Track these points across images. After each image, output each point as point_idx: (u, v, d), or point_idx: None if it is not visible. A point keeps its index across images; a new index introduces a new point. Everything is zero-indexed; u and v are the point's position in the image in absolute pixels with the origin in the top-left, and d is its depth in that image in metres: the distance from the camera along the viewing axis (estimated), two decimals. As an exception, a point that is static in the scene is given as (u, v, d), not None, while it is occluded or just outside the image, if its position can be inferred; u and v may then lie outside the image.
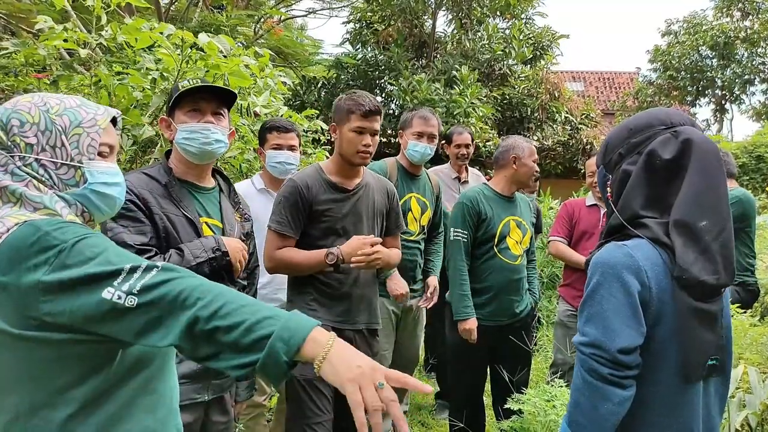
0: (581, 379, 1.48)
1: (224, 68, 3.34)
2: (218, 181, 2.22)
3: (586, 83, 27.56)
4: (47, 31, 3.23)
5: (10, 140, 1.25)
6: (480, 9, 12.84)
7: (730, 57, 22.55)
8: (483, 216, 3.27)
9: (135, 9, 5.87)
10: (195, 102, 2.06)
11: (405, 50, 12.55)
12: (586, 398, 1.46)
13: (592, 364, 1.45)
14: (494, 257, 3.29)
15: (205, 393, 2.04)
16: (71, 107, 1.30)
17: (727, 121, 25.10)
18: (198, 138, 2.04)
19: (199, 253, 1.95)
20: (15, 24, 5.24)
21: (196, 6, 9.31)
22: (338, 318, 2.59)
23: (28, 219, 1.18)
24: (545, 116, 13.05)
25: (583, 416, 1.48)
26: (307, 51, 10.82)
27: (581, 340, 1.49)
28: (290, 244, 2.56)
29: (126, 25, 3.26)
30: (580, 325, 1.52)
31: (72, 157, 1.28)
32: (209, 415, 2.08)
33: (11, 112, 1.26)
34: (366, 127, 2.56)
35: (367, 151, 2.59)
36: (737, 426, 2.15)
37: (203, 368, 2.00)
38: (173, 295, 1.10)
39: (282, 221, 2.53)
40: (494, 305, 3.30)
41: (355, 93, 2.64)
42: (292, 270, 2.56)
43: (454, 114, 10.76)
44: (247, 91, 3.96)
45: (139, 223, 1.91)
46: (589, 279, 1.51)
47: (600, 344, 1.44)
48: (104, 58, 3.65)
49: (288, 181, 2.63)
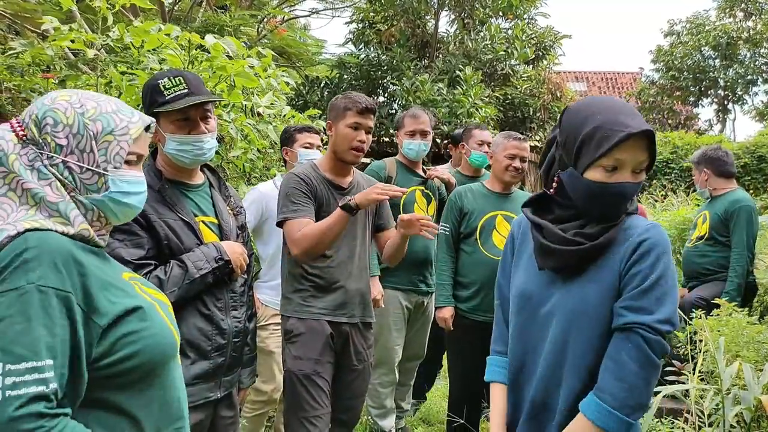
0: (646, 362, 1.45)
1: (230, 69, 3.39)
2: (207, 175, 2.20)
3: (589, 83, 27.54)
4: (53, 32, 3.27)
5: (41, 137, 1.26)
6: (482, 9, 12.86)
7: (733, 57, 22.49)
8: (464, 210, 3.44)
9: (139, 9, 5.92)
10: (183, 111, 1.99)
11: (407, 50, 12.57)
12: (645, 381, 1.45)
13: (664, 344, 1.46)
14: (478, 251, 3.39)
15: (217, 390, 2.07)
16: (106, 112, 1.30)
17: (729, 121, 25.06)
18: (191, 150, 2.01)
19: (202, 264, 1.95)
20: (20, 24, 5.29)
21: (199, 6, 9.35)
22: (336, 311, 2.62)
23: (35, 228, 1.19)
24: (547, 116, 13.06)
25: (640, 398, 1.46)
26: (310, 51, 10.88)
27: (652, 319, 1.45)
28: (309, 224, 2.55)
29: (135, 27, 3.30)
30: (647, 303, 1.46)
31: (98, 164, 1.28)
32: (218, 411, 2.10)
33: (48, 109, 1.27)
34: (361, 123, 2.62)
35: (361, 148, 2.64)
36: (731, 421, 2.19)
37: (215, 367, 2.03)
38: None
39: (297, 208, 2.54)
40: (479, 299, 3.37)
41: (351, 92, 2.75)
42: (323, 239, 2.48)
43: (457, 114, 10.79)
44: (250, 92, 4.01)
45: (135, 236, 1.89)
46: (654, 258, 1.49)
47: (675, 322, 1.47)
48: (108, 59, 3.69)
49: (287, 176, 2.68)
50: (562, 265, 1.57)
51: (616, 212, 1.55)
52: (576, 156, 1.53)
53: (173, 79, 2.01)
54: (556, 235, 1.55)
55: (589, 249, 1.52)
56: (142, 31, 3.26)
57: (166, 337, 1.32)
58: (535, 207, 1.68)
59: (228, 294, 2.09)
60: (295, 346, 2.58)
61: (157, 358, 1.29)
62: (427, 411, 4.45)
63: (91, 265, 1.23)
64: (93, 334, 1.19)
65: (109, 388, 1.23)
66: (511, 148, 3.37)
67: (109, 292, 1.24)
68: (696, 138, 12.11)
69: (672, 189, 10.57)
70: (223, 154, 3.82)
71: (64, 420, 1.13)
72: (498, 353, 1.79)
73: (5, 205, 1.23)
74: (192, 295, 1.96)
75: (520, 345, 1.66)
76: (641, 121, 1.49)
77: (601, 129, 1.48)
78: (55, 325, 1.13)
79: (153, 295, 1.40)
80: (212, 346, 2.02)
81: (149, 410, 1.29)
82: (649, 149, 1.51)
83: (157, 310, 1.35)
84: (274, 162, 4.47)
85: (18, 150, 1.25)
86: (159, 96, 1.98)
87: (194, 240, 2.00)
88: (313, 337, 2.57)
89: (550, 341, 1.56)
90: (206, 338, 2.01)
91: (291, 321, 2.61)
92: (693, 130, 19.30)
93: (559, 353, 1.55)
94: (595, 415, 1.45)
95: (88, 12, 4.64)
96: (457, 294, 3.46)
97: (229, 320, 2.08)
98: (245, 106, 3.81)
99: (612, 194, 1.51)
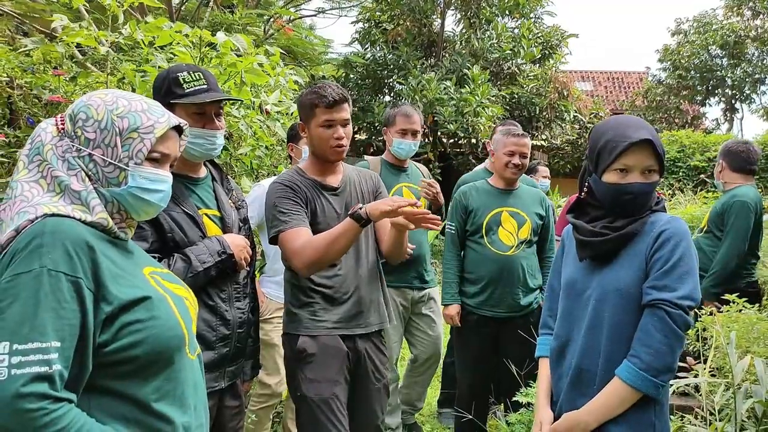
0: (670, 332, 1.69)
1: (240, 66, 3.40)
2: (209, 169, 2.23)
3: (595, 83, 27.46)
4: (62, 30, 3.29)
5: (74, 131, 1.36)
6: (489, 8, 12.85)
7: (741, 56, 22.42)
8: (470, 208, 3.48)
9: (147, 9, 5.94)
10: (200, 106, 2.04)
11: (414, 49, 12.59)
12: (668, 347, 1.69)
13: (686, 318, 1.70)
14: (484, 247, 3.42)
15: (222, 380, 2.09)
16: (135, 111, 1.37)
17: (737, 120, 25.00)
18: (203, 144, 2.06)
19: (206, 258, 1.97)
20: (29, 24, 5.32)
21: (206, 6, 9.38)
22: (350, 323, 2.41)
23: (54, 213, 1.25)
24: (554, 115, 13.06)
25: (665, 361, 1.70)
26: (317, 50, 10.89)
27: (674, 296, 1.70)
28: (307, 235, 2.29)
29: (147, 24, 3.32)
30: (669, 282, 1.71)
31: (120, 159, 1.34)
32: (223, 401, 2.13)
33: (83, 105, 1.37)
34: (335, 118, 2.37)
35: (341, 144, 2.40)
36: (743, 416, 2.18)
37: (219, 357, 2.06)
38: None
39: (288, 219, 2.30)
40: (487, 294, 3.40)
41: (316, 84, 2.44)
42: (329, 251, 2.22)
43: (463, 113, 10.80)
44: (259, 90, 4.02)
45: (140, 229, 1.91)
46: (673, 244, 1.74)
47: (696, 297, 1.72)
48: (117, 56, 3.71)
49: (271, 185, 2.43)
50: (595, 254, 1.86)
51: (636, 207, 1.81)
52: (596, 164, 1.85)
53: (193, 73, 2.05)
54: (587, 229, 1.87)
55: (614, 238, 1.81)
56: (154, 28, 3.28)
57: (172, 329, 1.34)
58: (577, 212, 1.98)
59: (232, 286, 2.12)
60: (309, 368, 2.33)
61: (161, 348, 1.30)
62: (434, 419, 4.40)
63: (105, 253, 1.27)
64: (98, 319, 1.22)
65: (112, 375, 1.25)
66: (510, 145, 3.39)
67: (119, 281, 1.27)
68: (704, 137, 12.05)
69: (679, 188, 10.55)
70: (231, 151, 3.83)
71: (67, 406, 1.14)
72: (545, 334, 2.10)
73: (33, 190, 1.30)
74: (196, 288, 1.97)
75: (567, 323, 1.93)
76: (644, 132, 1.78)
77: (611, 141, 1.80)
78: (64, 309, 1.17)
79: (171, 289, 1.43)
80: (217, 336, 2.05)
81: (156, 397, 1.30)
82: (654, 154, 1.79)
83: (168, 302, 1.37)
84: (282, 159, 4.48)
85: (55, 141, 1.35)
86: (178, 88, 2.02)
87: (198, 232, 2.02)
88: (328, 356, 2.34)
89: (590, 317, 1.83)
90: (211, 329, 2.03)
91: (302, 339, 2.35)
92: (700, 129, 19.21)
93: (598, 327, 1.82)
94: (627, 377, 1.71)
95: (97, 11, 4.67)
96: (465, 290, 3.49)
97: (233, 311, 2.11)
98: (254, 103, 3.82)
99: (625, 192, 1.79)
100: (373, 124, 12.23)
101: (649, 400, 1.74)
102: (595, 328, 1.82)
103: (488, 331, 3.43)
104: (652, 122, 22.02)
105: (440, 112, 10.83)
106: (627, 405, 1.73)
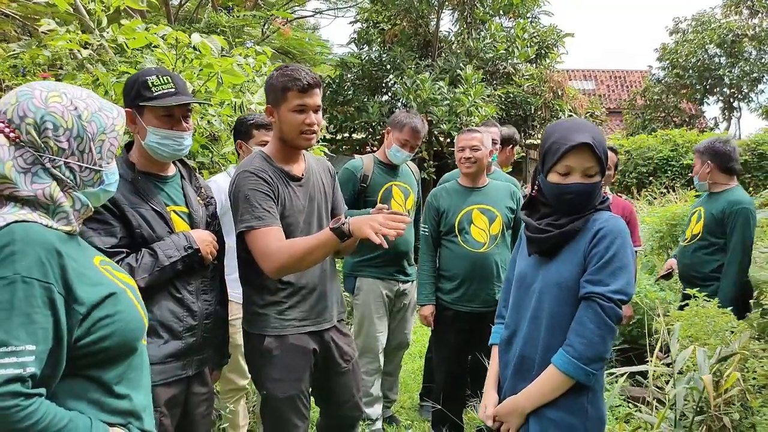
0: (602, 323, 1.80)
1: (217, 67, 3.50)
2: (178, 167, 2.31)
3: (598, 81, 27.50)
4: (49, 33, 3.41)
5: (41, 140, 1.34)
6: (483, 9, 12.94)
7: (738, 55, 22.39)
8: (441, 209, 3.58)
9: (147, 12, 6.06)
10: (168, 108, 2.11)
11: (409, 49, 12.68)
12: (600, 338, 1.80)
13: (617, 311, 1.81)
14: (458, 246, 3.52)
15: (189, 368, 2.19)
16: (95, 111, 1.41)
17: (735, 119, 24.97)
18: (171, 144, 2.14)
19: (172, 252, 2.07)
20: (30, 25, 5.47)
21: (205, 7, 9.48)
22: (318, 318, 2.42)
23: (21, 220, 1.29)
24: (549, 114, 13.11)
25: (596, 351, 1.81)
26: (314, 51, 10.98)
27: (607, 290, 1.81)
28: (281, 237, 2.23)
29: (123, 27, 3.43)
30: (603, 277, 1.82)
31: (95, 162, 1.41)
32: (191, 388, 2.23)
33: (45, 113, 1.34)
34: (307, 103, 2.28)
35: (312, 130, 2.32)
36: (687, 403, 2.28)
37: (186, 346, 2.16)
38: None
39: (262, 215, 2.23)
40: (462, 291, 3.51)
41: (287, 67, 2.34)
42: (304, 260, 2.19)
43: (456, 113, 10.89)
44: (242, 89, 4.12)
45: (108, 225, 1.99)
46: (608, 242, 1.85)
47: (628, 292, 1.83)
48: (110, 58, 3.82)
49: (241, 174, 2.31)
50: (540, 249, 1.98)
51: (577, 206, 1.92)
52: (542, 164, 1.96)
53: (161, 77, 2.14)
54: (533, 226, 1.98)
55: (556, 235, 1.92)
56: (129, 29, 3.38)
57: (135, 320, 1.46)
58: (529, 209, 2.08)
59: (199, 279, 2.22)
60: (275, 368, 2.33)
61: (127, 338, 1.42)
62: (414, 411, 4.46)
63: (69, 255, 1.35)
64: (74, 320, 1.32)
65: (82, 365, 1.36)
66: (460, 141, 3.55)
67: (85, 280, 1.36)
68: (697, 136, 12.08)
69: (671, 186, 10.60)
70: (215, 151, 3.94)
71: (38, 400, 1.24)
72: (498, 323, 2.22)
73: None
74: (164, 281, 2.09)
75: (516, 314, 2.05)
76: (585, 136, 1.86)
77: (555, 143, 1.90)
78: (37, 313, 1.24)
79: (123, 279, 1.53)
80: (183, 326, 2.15)
81: (117, 381, 1.42)
82: (594, 157, 1.87)
83: (128, 294, 1.48)
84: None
85: (12, 153, 1.31)
86: (147, 91, 2.10)
87: (165, 228, 2.12)
88: (295, 355, 2.35)
89: (533, 308, 1.96)
90: (178, 320, 2.14)
91: (268, 340, 2.33)
92: (698, 128, 19.22)
93: (539, 318, 1.94)
94: (561, 364, 1.83)
95: (95, 13, 4.79)
96: (441, 286, 3.60)
97: (199, 303, 2.21)
98: (234, 102, 3.92)
99: (566, 192, 1.90)
100: (369, 124, 12.34)
101: (583, 387, 1.84)
102: (537, 319, 1.95)
103: (464, 326, 3.54)
104: (651, 121, 22.06)
105: (434, 111, 10.92)
106: (560, 391, 1.84)
